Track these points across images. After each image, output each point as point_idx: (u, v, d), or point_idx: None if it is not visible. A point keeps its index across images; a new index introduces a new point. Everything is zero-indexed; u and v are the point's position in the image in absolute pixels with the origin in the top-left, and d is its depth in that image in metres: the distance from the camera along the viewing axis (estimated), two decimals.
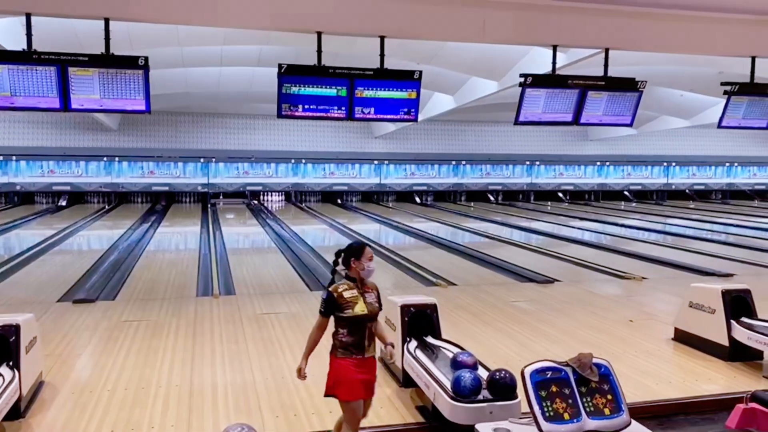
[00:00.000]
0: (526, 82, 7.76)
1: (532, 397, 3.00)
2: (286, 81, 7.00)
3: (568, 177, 25.78)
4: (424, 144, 24.16)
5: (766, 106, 8.55)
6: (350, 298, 3.69)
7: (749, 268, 10.60)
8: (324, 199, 24.35)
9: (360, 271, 3.74)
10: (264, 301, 8.08)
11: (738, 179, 26.88)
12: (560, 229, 16.87)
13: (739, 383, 5.16)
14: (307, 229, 16.69)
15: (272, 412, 4.57)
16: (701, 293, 6.09)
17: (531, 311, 7.70)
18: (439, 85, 14.89)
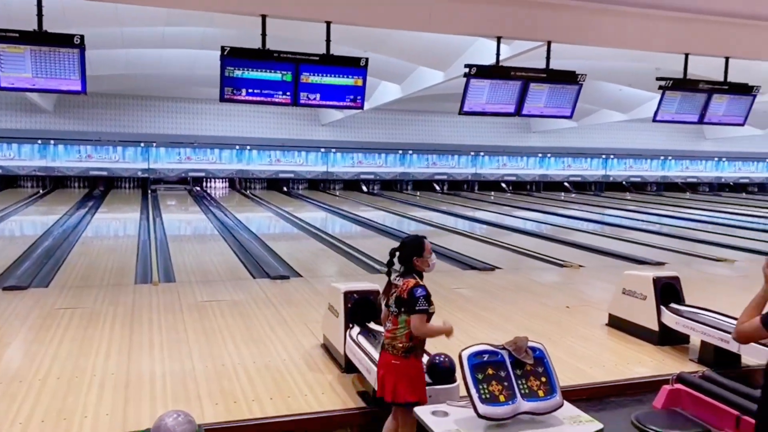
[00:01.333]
0: (470, 72, 7.85)
1: (469, 380, 3.06)
2: (229, 64, 6.86)
3: (511, 168, 26.28)
4: (372, 133, 24.17)
5: (698, 102, 8.92)
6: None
7: (680, 257, 11.08)
8: (269, 186, 24.06)
9: (425, 268, 3.62)
10: (205, 288, 7.94)
11: (671, 172, 27.96)
12: (503, 218, 17.20)
13: (668, 366, 5.39)
14: (251, 216, 16.48)
15: (211, 399, 4.51)
16: (634, 280, 6.33)
17: (473, 298, 7.84)
18: (386, 74, 14.90)
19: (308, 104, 7.23)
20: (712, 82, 8.98)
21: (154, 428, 2.86)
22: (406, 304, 3.47)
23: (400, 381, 3.47)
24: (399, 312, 3.52)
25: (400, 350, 3.49)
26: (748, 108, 9.29)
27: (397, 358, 3.50)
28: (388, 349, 3.55)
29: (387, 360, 3.55)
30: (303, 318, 6.56)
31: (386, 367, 3.54)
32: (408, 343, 3.48)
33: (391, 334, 3.55)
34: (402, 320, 3.50)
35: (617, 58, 11.60)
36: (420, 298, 3.43)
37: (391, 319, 3.59)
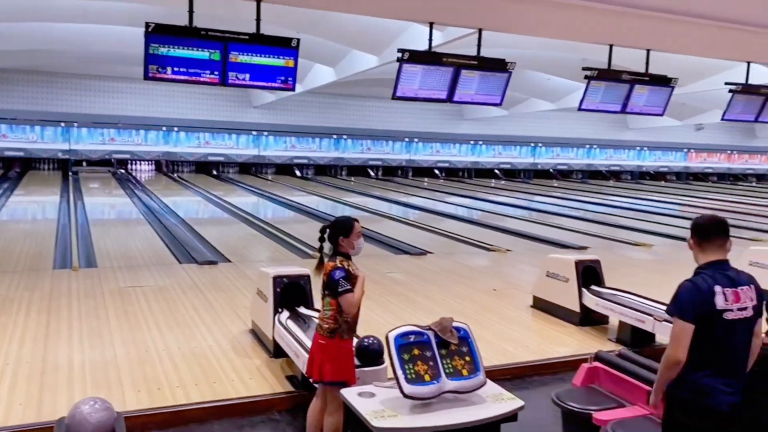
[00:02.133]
0: (403, 57, 7.85)
1: (395, 360, 3.08)
2: (153, 41, 6.59)
3: (444, 155, 26.59)
4: (305, 116, 23.86)
5: (621, 92, 9.25)
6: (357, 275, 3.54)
7: (601, 242, 11.54)
8: (198, 169, 23.39)
9: (350, 249, 3.60)
10: (129, 274, 7.68)
11: (596, 160, 29.02)
12: (436, 204, 17.41)
13: (588, 346, 5.61)
14: (179, 200, 16.02)
15: (134, 386, 4.37)
16: (557, 263, 6.54)
17: (404, 282, 7.91)
18: (319, 56, 14.71)
19: (237, 84, 7.04)
20: (634, 73, 9.33)
21: (69, 416, 2.75)
22: (328, 287, 3.50)
23: (326, 360, 3.50)
24: (324, 294, 3.56)
25: (326, 330, 3.53)
26: (667, 99, 9.71)
27: (323, 338, 3.54)
28: (318, 329, 3.60)
29: (316, 339, 3.59)
30: (231, 303, 6.45)
31: (315, 346, 3.59)
32: (333, 324, 3.50)
33: (321, 315, 3.61)
34: (326, 302, 3.54)
35: (546, 47, 11.87)
36: (339, 280, 3.44)
37: (322, 300, 3.63)
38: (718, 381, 2.66)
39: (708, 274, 2.70)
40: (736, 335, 2.69)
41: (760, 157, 31.67)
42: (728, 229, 2.83)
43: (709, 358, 2.67)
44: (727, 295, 2.66)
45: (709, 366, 2.67)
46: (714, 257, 2.75)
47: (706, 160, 30.77)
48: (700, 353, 2.65)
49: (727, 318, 2.65)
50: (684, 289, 2.69)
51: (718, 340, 2.66)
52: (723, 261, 2.76)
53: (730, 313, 2.65)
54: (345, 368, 3.53)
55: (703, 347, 2.64)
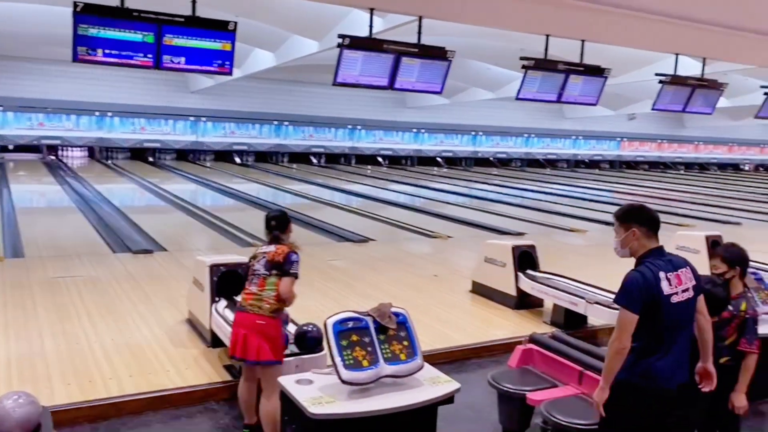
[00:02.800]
0: (343, 43, 7.80)
1: (333, 347, 3.08)
2: (82, 21, 6.31)
3: (387, 142, 26.63)
4: (245, 102, 23.36)
5: (557, 81, 9.48)
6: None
7: (538, 228, 11.84)
8: (134, 156, 22.61)
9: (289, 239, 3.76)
10: (59, 264, 7.39)
11: (534, 149, 29.69)
12: (379, 191, 17.45)
13: (524, 328, 5.74)
14: (113, 188, 15.48)
15: (63, 380, 4.23)
16: (494, 249, 6.68)
17: (345, 269, 7.91)
18: (258, 41, 14.45)
19: (172, 68, 6.84)
20: (569, 63, 9.57)
21: None
22: (279, 267, 3.59)
23: (266, 340, 3.54)
24: (269, 274, 3.61)
25: (268, 310, 3.57)
26: (601, 88, 10.01)
27: (262, 318, 3.56)
28: (253, 310, 3.60)
29: (251, 320, 3.58)
30: (167, 293, 6.30)
31: (250, 327, 3.57)
32: (276, 304, 3.59)
33: (257, 296, 3.62)
34: (271, 282, 3.60)
35: (486, 36, 12.02)
36: (295, 263, 3.61)
37: (257, 281, 3.65)
38: (669, 362, 2.74)
39: (651, 262, 2.78)
40: (682, 316, 2.78)
41: (688, 146, 33.08)
42: None
43: (660, 343, 2.73)
44: (670, 279, 2.75)
45: (660, 350, 2.73)
46: (655, 245, 2.84)
47: (638, 149, 31.91)
48: (651, 339, 2.71)
49: (674, 301, 2.73)
50: (632, 280, 2.74)
51: (667, 324, 2.73)
52: (661, 247, 2.85)
53: (676, 296, 2.74)
54: (281, 348, 3.64)
55: (654, 333, 2.71)
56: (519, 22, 8.04)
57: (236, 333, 3.65)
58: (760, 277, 4.93)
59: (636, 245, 2.85)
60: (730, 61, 10.82)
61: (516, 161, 29.59)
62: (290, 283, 3.58)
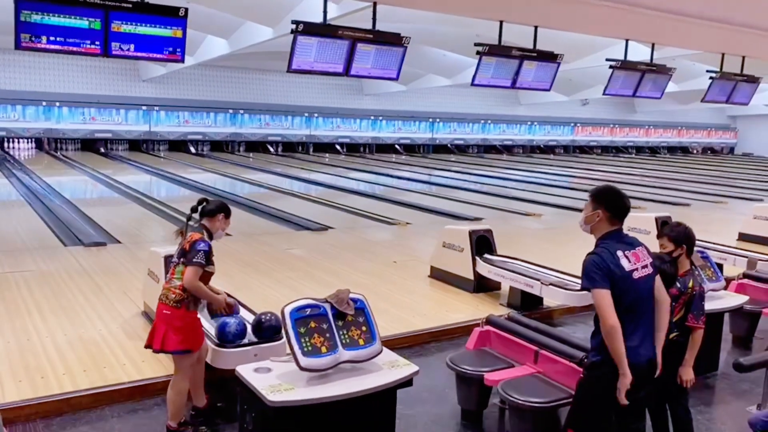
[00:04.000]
0: (297, 29, 7.70)
1: (291, 335, 3.07)
2: (24, 7, 6.07)
3: (345, 130, 26.51)
4: (199, 90, 22.94)
5: (511, 67, 9.56)
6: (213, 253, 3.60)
7: (495, 213, 12.00)
8: (84, 147, 21.96)
9: (221, 229, 3.67)
10: (7, 259, 7.15)
11: (491, 135, 29.99)
12: (337, 180, 17.39)
13: (482, 311, 5.82)
14: (63, 180, 15.04)
15: (14, 377, 4.11)
16: (452, 234, 6.74)
17: (305, 258, 7.88)
18: (211, 27, 14.19)
19: (121, 55, 6.64)
20: (523, 49, 9.66)
21: None
22: (185, 254, 3.50)
23: (170, 330, 3.47)
24: (178, 263, 3.54)
25: (172, 300, 3.49)
26: (554, 74, 10.14)
27: (168, 308, 3.49)
28: (162, 299, 3.54)
29: (159, 309, 3.55)
30: (122, 286, 6.17)
31: (158, 316, 3.56)
32: (181, 293, 3.49)
33: (167, 285, 3.56)
34: (179, 271, 3.51)
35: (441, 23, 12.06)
36: (201, 252, 3.46)
37: (170, 269, 3.61)
38: (636, 339, 2.78)
39: (609, 243, 2.84)
40: (643, 292, 2.84)
41: (639, 131, 33.92)
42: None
43: (629, 320, 2.76)
44: (629, 257, 2.82)
45: (629, 327, 2.76)
46: (615, 228, 2.90)
47: (591, 133, 32.55)
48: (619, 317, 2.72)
49: (635, 277, 2.80)
50: (589, 262, 2.80)
51: (631, 301, 2.78)
52: (620, 230, 2.92)
53: (636, 272, 2.81)
54: (190, 338, 3.54)
55: (621, 310, 2.73)
56: (472, 7, 8.07)
57: (153, 322, 3.66)
58: (706, 255, 5.12)
59: (597, 226, 2.91)
60: (677, 46, 11.11)
61: (473, 148, 29.86)
62: (192, 273, 3.41)
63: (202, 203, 3.74)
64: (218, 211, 3.68)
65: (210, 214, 3.66)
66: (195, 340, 3.58)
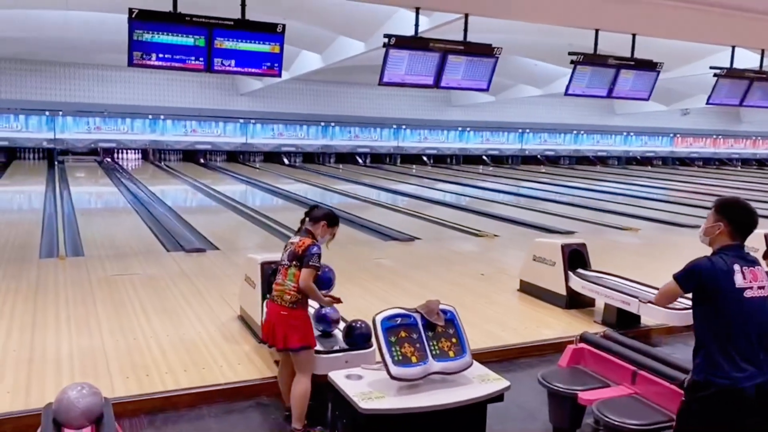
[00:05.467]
0: (389, 42, 7.83)
1: (382, 343, 3.10)
2: (137, 27, 6.53)
3: (432, 141, 26.55)
4: (293, 104, 23.70)
5: (607, 76, 9.28)
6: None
7: (588, 226, 11.61)
8: (185, 158, 23.22)
9: (322, 236, 3.82)
10: (116, 263, 7.65)
11: (583, 146, 29.11)
12: (424, 191, 17.43)
13: (574, 328, 5.65)
14: (166, 189, 15.93)
15: (122, 374, 4.38)
16: (543, 247, 6.59)
17: (392, 268, 7.94)
18: (306, 43, 14.63)
19: (223, 70, 7.00)
20: (620, 57, 9.36)
21: (56, 402, 2.74)
22: (299, 259, 3.67)
23: (290, 330, 3.65)
24: (290, 265, 3.70)
25: (288, 302, 3.67)
26: (653, 83, 9.76)
27: (285, 309, 3.67)
28: (277, 300, 3.71)
29: (276, 310, 3.71)
30: (219, 291, 6.44)
31: (276, 317, 3.71)
32: (296, 294, 3.67)
33: (281, 287, 3.72)
34: (291, 274, 3.68)
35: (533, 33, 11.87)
36: (315, 255, 3.67)
37: (282, 271, 3.76)
38: (743, 362, 2.60)
39: (726, 255, 2.70)
40: (757, 313, 2.65)
41: (744, 142, 31.90)
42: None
43: (734, 340, 2.61)
44: (745, 273, 2.66)
45: (735, 348, 2.61)
46: (735, 243, 2.75)
47: (692, 145, 30.95)
48: (723, 335, 2.60)
49: (747, 296, 2.63)
50: (698, 263, 2.69)
51: (740, 319, 2.62)
52: (741, 246, 2.77)
53: (750, 290, 2.64)
54: (308, 334, 3.73)
55: (726, 328, 2.60)
56: (567, 17, 7.92)
57: (266, 321, 3.82)
58: None
59: (716, 239, 2.77)
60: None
61: (565, 159, 29.11)
62: (308, 275, 3.62)
63: (313, 209, 3.93)
64: (321, 219, 3.85)
65: (314, 220, 3.85)
66: (312, 336, 3.78)
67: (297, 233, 3.87)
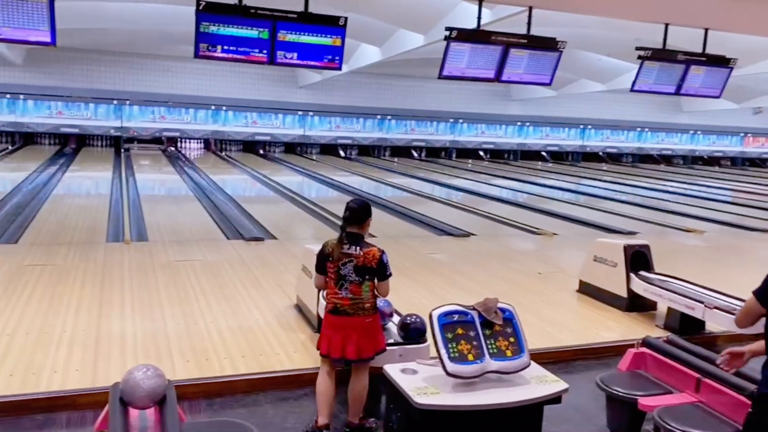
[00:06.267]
0: (450, 35, 7.76)
1: (438, 339, 3.09)
2: (204, 19, 6.69)
3: (489, 136, 26.24)
4: (350, 96, 23.85)
5: (676, 73, 8.95)
6: None
7: (652, 227, 11.26)
8: (245, 149, 23.73)
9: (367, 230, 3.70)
10: (178, 248, 7.88)
11: (647, 144, 28.21)
12: (480, 186, 17.26)
13: (634, 331, 5.50)
14: (227, 178, 16.30)
15: (183, 357, 4.51)
16: (605, 248, 6.42)
17: (447, 263, 7.90)
18: (365, 36, 14.67)
19: (285, 63, 7.09)
20: (690, 53, 9.00)
21: (122, 382, 2.84)
22: (374, 272, 3.51)
23: (369, 337, 3.55)
24: (363, 281, 3.52)
25: (369, 309, 3.56)
26: (725, 80, 9.35)
27: (369, 317, 3.56)
28: (357, 313, 3.52)
29: (358, 322, 3.51)
30: (277, 279, 6.55)
31: (360, 327, 3.52)
32: (373, 301, 3.59)
33: (356, 300, 3.52)
34: (366, 286, 3.52)
35: (598, 26, 11.56)
36: (388, 264, 3.54)
37: (350, 287, 3.52)
38: None
39: None
40: None
41: None
42: None
43: None
44: None
45: None
46: None
47: (764, 145, 29.58)
48: None
49: None
50: None
51: None
52: None
53: None
54: (383, 338, 3.70)
55: None
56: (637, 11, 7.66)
57: (340, 335, 3.53)
58: None
59: None
60: None
61: (627, 156, 28.29)
62: (388, 285, 3.60)
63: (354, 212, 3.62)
64: (367, 217, 3.65)
65: (360, 222, 3.63)
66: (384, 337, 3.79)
67: (347, 242, 3.57)
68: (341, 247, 3.57)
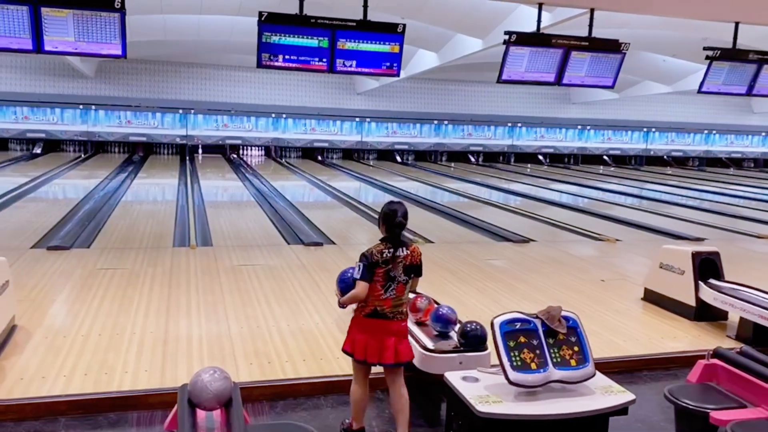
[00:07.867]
0: (510, 39, 7.70)
1: (500, 347, 3.06)
2: (266, 29, 6.86)
3: (549, 140, 25.80)
4: (407, 102, 23.94)
5: (747, 73, 8.59)
6: None
7: (721, 233, 10.81)
8: (304, 155, 24.13)
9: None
10: (241, 253, 8.07)
11: (715, 147, 27.14)
12: (539, 191, 16.98)
13: (704, 342, 5.31)
14: (286, 184, 16.60)
15: (246, 359, 4.62)
16: (672, 255, 6.21)
17: (506, 269, 7.80)
18: (423, 41, 14.71)
19: (344, 71, 7.20)
20: (762, 52, 8.63)
21: (191, 383, 2.93)
22: (418, 268, 3.62)
23: (407, 341, 3.63)
24: (408, 279, 3.55)
25: (405, 314, 3.63)
26: None
27: (404, 321, 3.62)
28: (396, 317, 3.53)
29: (397, 326, 3.54)
30: None
31: (399, 332, 3.55)
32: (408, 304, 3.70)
33: (398, 302, 3.53)
34: (409, 285, 3.60)
35: (663, 27, 11.22)
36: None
37: (397, 287, 3.52)
38: None
39: None
40: None
41: None
42: None
43: None
44: None
45: None
46: None
47: None
48: None
49: None
50: None
51: None
52: None
53: None
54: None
55: None
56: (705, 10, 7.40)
57: (377, 339, 3.52)
58: None
59: None
60: None
61: (694, 160, 27.29)
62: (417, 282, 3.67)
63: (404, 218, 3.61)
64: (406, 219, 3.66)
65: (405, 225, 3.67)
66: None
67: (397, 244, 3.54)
68: (394, 251, 3.53)
